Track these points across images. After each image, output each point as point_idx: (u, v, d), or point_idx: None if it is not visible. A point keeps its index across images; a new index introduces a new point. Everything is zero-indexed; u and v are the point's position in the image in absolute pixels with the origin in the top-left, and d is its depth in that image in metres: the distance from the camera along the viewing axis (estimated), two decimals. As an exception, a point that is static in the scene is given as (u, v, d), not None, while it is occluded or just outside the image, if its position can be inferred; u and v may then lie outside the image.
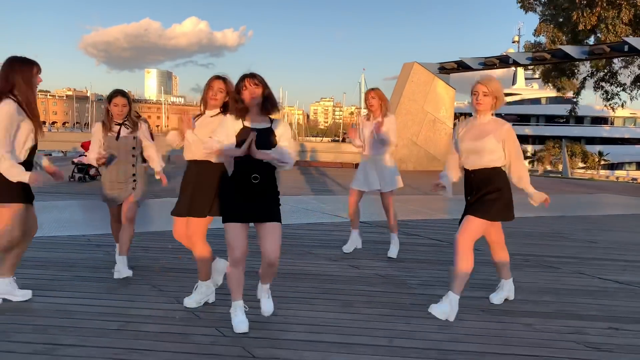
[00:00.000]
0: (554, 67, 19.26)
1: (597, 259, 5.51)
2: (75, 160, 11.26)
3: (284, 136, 3.17)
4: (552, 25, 18.32)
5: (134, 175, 4.30)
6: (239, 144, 3.03)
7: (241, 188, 3.06)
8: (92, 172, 11.23)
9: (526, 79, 68.04)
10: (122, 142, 4.20)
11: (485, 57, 17.26)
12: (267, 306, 3.33)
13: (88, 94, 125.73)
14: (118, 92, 4.19)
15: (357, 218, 5.39)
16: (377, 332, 3.21)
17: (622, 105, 21.88)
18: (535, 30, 19.61)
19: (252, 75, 3.13)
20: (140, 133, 4.34)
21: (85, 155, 11.32)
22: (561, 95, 28.35)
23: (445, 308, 3.47)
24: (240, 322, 3.08)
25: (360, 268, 4.72)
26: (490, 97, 3.44)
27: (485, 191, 3.57)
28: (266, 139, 3.08)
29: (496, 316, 3.60)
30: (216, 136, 3.13)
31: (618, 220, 8.61)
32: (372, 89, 5.22)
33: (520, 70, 62.45)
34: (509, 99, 64.37)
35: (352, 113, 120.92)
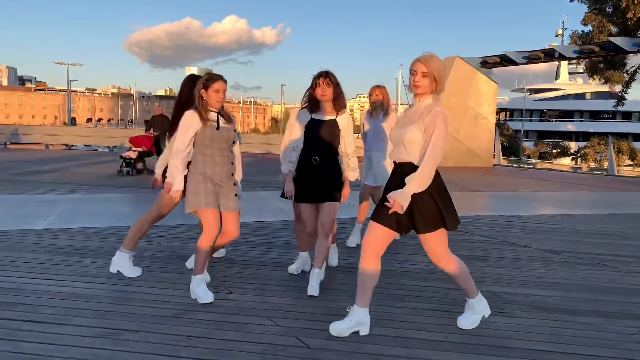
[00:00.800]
0: (602, 59, 18.54)
1: (656, 258, 5.28)
2: (124, 155, 11.59)
3: (346, 129, 3.83)
4: (600, 15, 17.59)
5: (232, 175, 3.67)
6: (305, 135, 3.74)
7: (306, 170, 3.75)
8: (138, 166, 11.56)
9: (570, 73, 65.87)
10: (224, 133, 3.53)
11: (530, 51, 16.79)
12: (314, 288, 3.65)
13: (132, 92, 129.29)
14: (219, 77, 3.48)
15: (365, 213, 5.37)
16: (431, 327, 3.17)
17: None
18: (582, 19, 18.88)
19: (326, 75, 3.72)
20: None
21: (132, 150, 11.72)
22: (608, 90, 27.31)
23: (472, 317, 3.21)
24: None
25: (405, 263, 4.68)
26: (429, 78, 2.84)
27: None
28: (331, 130, 3.76)
29: (553, 314, 3.50)
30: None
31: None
32: (378, 86, 5.21)
33: (563, 64, 60.56)
34: (552, 94, 62.67)
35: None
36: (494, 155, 19.19)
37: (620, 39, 14.26)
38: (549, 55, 16.06)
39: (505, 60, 17.15)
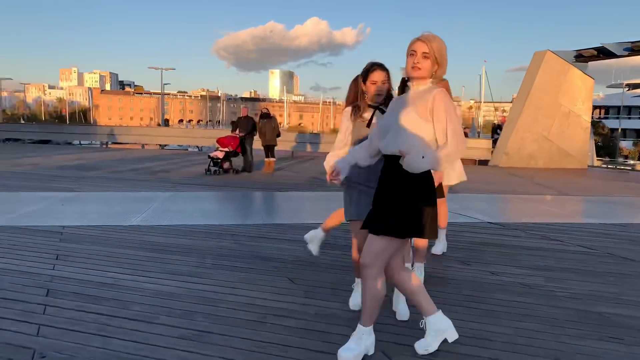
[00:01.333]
0: None
1: None
2: (211, 154, 12.01)
3: None
4: None
5: None
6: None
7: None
8: (225, 165, 11.93)
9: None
10: None
11: (633, 42, 15.37)
12: (403, 311, 3.21)
13: (219, 94, 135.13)
14: (377, 65, 3.09)
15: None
16: (530, 350, 2.89)
17: None
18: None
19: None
20: None
21: (220, 150, 12.13)
22: None
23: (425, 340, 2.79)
24: None
25: (498, 274, 4.36)
26: (431, 60, 2.46)
27: (394, 191, 2.55)
28: None
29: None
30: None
31: None
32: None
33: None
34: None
35: (470, 107, 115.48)
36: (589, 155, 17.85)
37: None
38: (659, 46, 14.61)
39: (603, 53, 15.86)
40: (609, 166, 26.26)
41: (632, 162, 39.13)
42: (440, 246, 5.04)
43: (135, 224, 5.82)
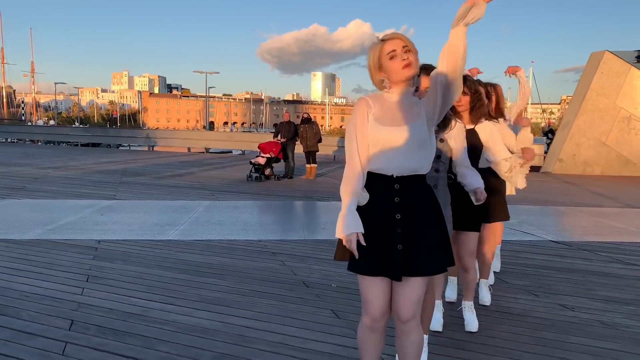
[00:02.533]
0: None
1: None
2: (252, 160, 11.79)
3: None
4: None
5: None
6: None
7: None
8: (266, 172, 11.68)
9: None
10: None
11: None
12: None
13: (262, 97, 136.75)
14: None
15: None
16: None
17: None
18: None
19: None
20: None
21: (261, 156, 11.90)
22: None
23: None
24: None
25: (573, 309, 3.82)
26: (414, 53, 2.06)
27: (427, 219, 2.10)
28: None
29: None
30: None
31: None
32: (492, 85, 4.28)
33: None
34: None
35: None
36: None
37: None
38: None
39: (670, 54, 14.72)
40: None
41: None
42: (497, 263, 4.61)
43: (171, 238, 5.57)
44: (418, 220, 2.07)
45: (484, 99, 3.38)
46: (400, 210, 2.06)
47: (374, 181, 2.11)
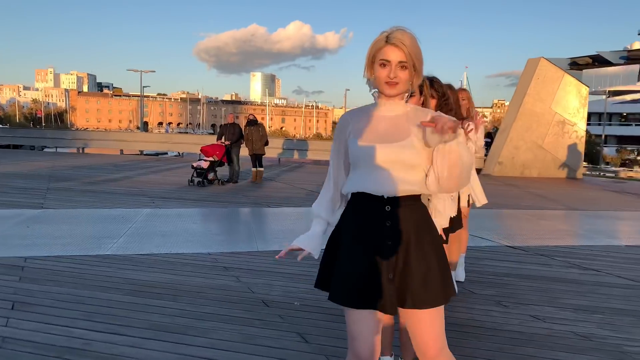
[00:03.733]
0: None
1: None
2: (195, 164, 11.21)
3: None
4: None
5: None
6: None
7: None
8: (210, 176, 11.15)
9: (657, 74, 60.92)
10: None
11: (629, 50, 15.07)
12: None
13: (199, 97, 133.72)
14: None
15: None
16: None
17: None
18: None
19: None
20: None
21: (204, 160, 11.34)
22: None
23: None
24: None
25: (545, 320, 3.71)
26: (410, 71, 1.83)
27: (419, 247, 1.84)
28: None
29: None
30: None
31: None
32: (463, 90, 4.27)
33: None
34: (632, 96, 58.19)
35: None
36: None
37: None
38: (656, 54, 14.31)
39: (598, 61, 15.53)
40: (601, 174, 26.11)
41: (613, 168, 39.35)
42: (461, 272, 4.50)
43: (110, 252, 5.03)
44: (412, 247, 1.82)
45: (451, 104, 3.20)
46: (391, 235, 1.81)
47: (362, 202, 1.85)
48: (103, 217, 6.84)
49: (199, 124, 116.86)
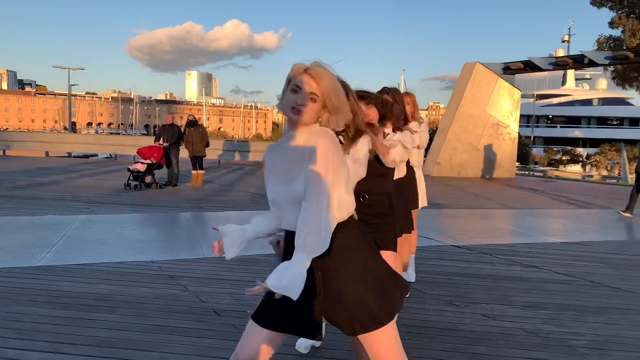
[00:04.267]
0: (635, 66, 17.66)
1: None
2: (131, 167, 10.72)
3: None
4: (632, 19, 16.68)
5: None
6: None
7: None
8: (147, 179, 10.70)
9: (577, 79, 65.24)
10: None
11: (557, 57, 15.98)
12: None
13: (132, 96, 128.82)
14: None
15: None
16: None
17: None
18: (611, 22, 17.90)
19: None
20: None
21: (141, 162, 10.87)
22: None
23: None
24: None
25: (495, 318, 3.79)
26: (320, 105, 1.81)
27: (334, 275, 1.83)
28: None
29: None
30: None
31: None
32: (407, 94, 4.36)
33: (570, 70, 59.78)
34: (557, 100, 61.98)
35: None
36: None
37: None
38: (578, 61, 15.23)
39: (529, 67, 16.34)
40: (532, 174, 27.52)
41: (541, 168, 41.71)
42: (412, 273, 4.53)
43: (43, 263, 4.66)
44: (341, 273, 1.80)
45: (393, 110, 3.25)
46: (318, 266, 1.78)
47: (290, 236, 1.84)
48: (33, 225, 6.36)
49: (132, 124, 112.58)
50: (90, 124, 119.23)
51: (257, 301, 2.11)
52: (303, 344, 3.00)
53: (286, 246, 1.88)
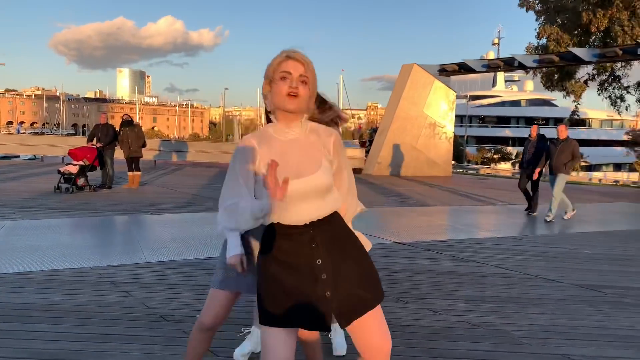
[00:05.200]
0: (559, 70, 18.83)
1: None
2: (62, 169, 10.16)
3: None
4: (556, 27, 17.80)
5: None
6: None
7: None
8: (80, 182, 10.18)
9: (506, 80, 68.56)
10: None
11: (490, 59, 16.72)
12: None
13: (58, 94, 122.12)
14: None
15: None
16: None
17: (627, 108, 21.76)
18: (537, 33, 19.06)
19: None
20: None
21: (72, 164, 10.32)
22: (543, 98, 27.86)
23: None
24: None
25: (441, 312, 3.91)
26: (310, 89, 1.82)
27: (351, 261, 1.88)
28: None
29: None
30: None
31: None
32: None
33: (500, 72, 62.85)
34: (489, 101, 64.93)
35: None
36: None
37: (580, 50, 14.38)
38: (509, 64, 16.03)
39: (463, 69, 17.00)
40: (467, 172, 28.61)
41: (473, 166, 43.57)
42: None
43: (-31, 274, 4.32)
44: (340, 258, 1.85)
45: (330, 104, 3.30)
46: (320, 254, 1.81)
47: (284, 230, 1.81)
48: (-46, 232, 5.89)
49: (59, 123, 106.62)
50: (10, 122, 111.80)
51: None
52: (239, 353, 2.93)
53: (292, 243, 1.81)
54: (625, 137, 43.32)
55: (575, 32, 17.23)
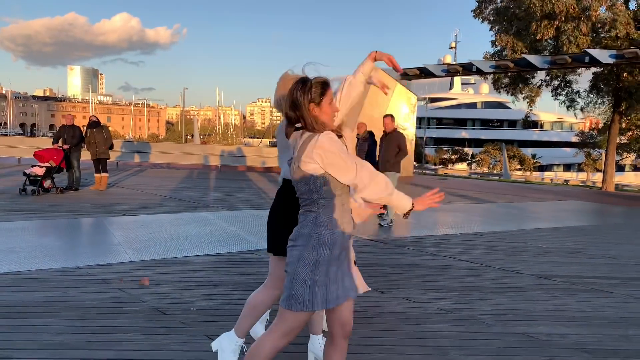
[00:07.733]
0: (515, 75, 19.77)
1: (636, 278, 5.41)
2: (27, 171, 10.04)
3: None
4: (511, 36, 18.75)
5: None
6: None
7: None
8: (46, 184, 10.08)
9: (462, 83, 70.57)
10: None
11: (449, 64, 17.41)
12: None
13: (4, 92, 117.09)
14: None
15: None
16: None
17: (582, 110, 23.00)
18: (494, 42, 19.95)
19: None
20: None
21: (38, 166, 10.20)
22: (498, 100, 28.85)
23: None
24: None
25: (416, 300, 4.29)
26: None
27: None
28: None
29: (604, 358, 3.29)
30: None
31: (610, 230, 8.75)
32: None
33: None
34: (446, 103, 66.73)
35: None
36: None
37: (533, 57, 15.22)
38: (467, 69, 16.77)
39: (424, 73, 17.62)
40: (426, 171, 29.44)
41: (432, 166, 44.78)
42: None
43: (-43, 274, 4.40)
44: None
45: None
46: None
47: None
48: None
49: (5, 122, 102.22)
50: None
51: (197, 299, 2.33)
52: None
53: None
54: (574, 139, 45.55)
55: (529, 41, 18.18)
